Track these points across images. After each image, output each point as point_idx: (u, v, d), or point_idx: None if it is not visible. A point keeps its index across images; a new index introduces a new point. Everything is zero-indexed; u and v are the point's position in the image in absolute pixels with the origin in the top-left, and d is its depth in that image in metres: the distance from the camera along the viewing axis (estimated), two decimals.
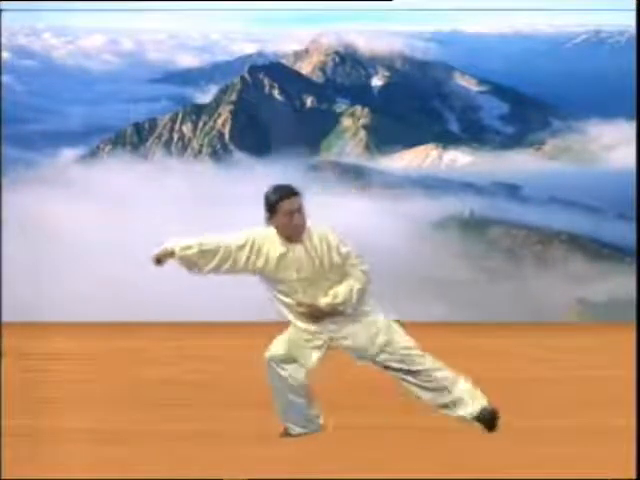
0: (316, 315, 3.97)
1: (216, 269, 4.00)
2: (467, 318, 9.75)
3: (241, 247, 3.97)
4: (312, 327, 4.03)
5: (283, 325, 4.15)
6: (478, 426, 4.06)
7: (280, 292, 4.02)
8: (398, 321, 4.16)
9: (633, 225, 9.51)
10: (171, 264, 4.03)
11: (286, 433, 4.21)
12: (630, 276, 9.17)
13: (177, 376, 5.81)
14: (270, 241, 3.98)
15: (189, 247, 3.99)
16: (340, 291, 3.94)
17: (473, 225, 12.72)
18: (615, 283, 11.10)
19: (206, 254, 3.98)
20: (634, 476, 3.60)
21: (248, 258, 3.97)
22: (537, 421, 4.34)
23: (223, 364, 6.20)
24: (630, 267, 9.73)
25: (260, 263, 3.96)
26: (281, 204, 3.92)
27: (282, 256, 3.95)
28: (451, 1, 11.99)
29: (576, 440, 4.15)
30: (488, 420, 4.05)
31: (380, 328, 4.05)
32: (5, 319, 7.27)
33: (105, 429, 4.38)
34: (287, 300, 4.02)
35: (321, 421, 4.25)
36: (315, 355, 4.05)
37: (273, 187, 3.97)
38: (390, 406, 4.57)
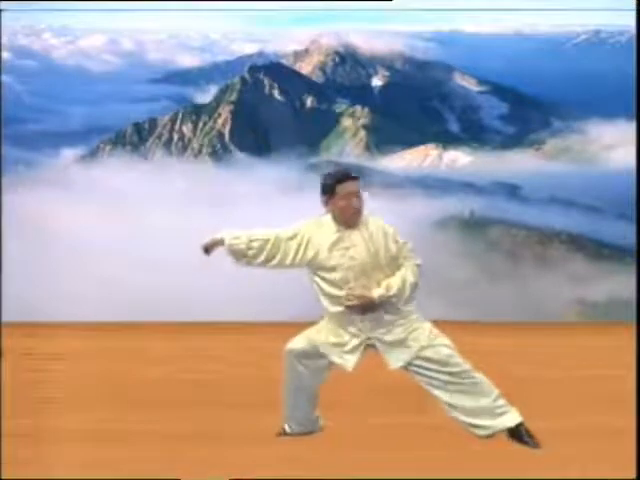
0: (367, 307, 3.85)
1: (266, 262, 3.94)
2: (467, 318, 9.75)
3: (291, 238, 3.92)
4: (351, 325, 3.94)
5: (285, 325, 4.14)
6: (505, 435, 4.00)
7: (330, 283, 3.89)
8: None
9: (633, 225, 9.52)
10: (171, 264, 4.03)
11: (284, 432, 4.19)
12: (630, 276, 9.17)
13: (177, 376, 5.80)
14: (324, 229, 3.90)
15: (238, 237, 3.97)
16: (393, 282, 3.83)
17: (473, 225, 12.72)
18: (615, 283, 11.10)
19: (255, 245, 3.94)
20: (634, 476, 3.60)
21: (298, 250, 3.90)
22: (537, 421, 4.34)
23: (223, 364, 6.20)
24: (630, 267, 9.74)
25: (311, 253, 3.87)
26: (340, 186, 3.85)
27: (336, 241, 3.87)
28: (451, 1, 11.99)
29: (576, 440, 4.15)
30: (522, 436, 4.01)
31: (421, 327, 3.98)
32: (5, 319, 7.27)
33: (105, 429, 4.38)
34: (336, 292, 3.89)
35: (321, 422, 4.23)
36: (353, 358, 3.98)
37: (331, 171, 3.93)
38: (389, 406, 4.57)
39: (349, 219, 3.89)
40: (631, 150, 9.76)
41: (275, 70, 15.34)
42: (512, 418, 4.00)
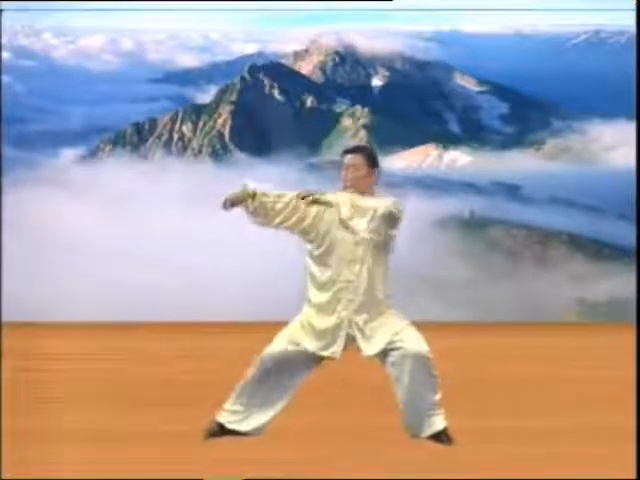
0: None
1: (283, 222, 4.00)
2: (467, 318, 9.74)
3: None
4: (334, 309, 3.96)
5: (285, 326, 4.14)
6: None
7: (318, 259, 3.97)
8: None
9: (633, 225, 9.51)
10: (171, 264, 4.02)
11: (221, 430, 4.12)
12: (630, 276, 9.17)
13: (176, 376, 5.81)
14: (341, 201, 3.98)
15: (267, 194, 4.01)
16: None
17: (473, 225, 12.71)
18: (615, 283, 11.09)
19: (278, 207, 4.00)
20: (634, 476, 3.60)
21: (316, 215, 3.98)
22: (537, 421, 4.34)
23: (223, 364, 6.19)
24: (630, 267, 9.73)
25: (325, 222, 3.95)
26: (344, 158, 4.04)
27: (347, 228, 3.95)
28: (451, 1, 11.99)
29: (576, 440, 4.15)
30: (440, 436, 4.02)
31: (396, 318, 3.98)
32: (5, 319, 7.27)
33: (105, 429, 4.38)
34: (323, 272, 3.97)
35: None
36: (337, 345, 3.95)
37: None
38: (387, 407, 4.57)
39: (345, 189, 3.98)
40: (631, 150, 9.74)
41: (275, 70, 15.31)
42: (442, 420, 4.00)
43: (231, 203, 4.02)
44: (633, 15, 7.59)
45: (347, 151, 4.10)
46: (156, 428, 4.34)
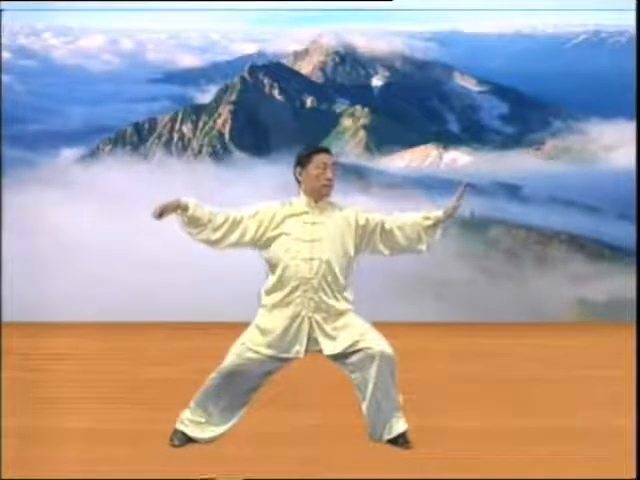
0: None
1: (222, 239, 3.93)
2: (467, 318, 9.74)
3: (252, 216, 3.93)
4: (281, 297, 3.93)
5: None
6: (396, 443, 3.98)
7: (280, 259, 3.90)
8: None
9: (633, 225, 9.51)
10: (171, 264, 4.02)
11: (184, 438, 4.11)
12: (630, 276, 9.17)
13: (177, 376, 5.80)
14: (288, 207, 3.93)
15: (202, 207, 3.94)
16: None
17: (473, 225, 12.71)
18: (615, 283, 11.09)
19: (217, 220, 3.92)
20: (634, 476, 3.60)
21: (259, 227, 3.90)
22: (537, 421, 4.34)
23: None
24: (630, 267, 9.73)
25: (273, 228, 3.89)
26: (316, 156, 3.93)
27: (303, 215, 3.90)
28: (451, 1, 11.99)
29: (576, 440, 4.15)
30: (404, 441, 3.99)
31: (358, 321, 3.95)
32: (5, 319, 7.27)
33: (105, 429, 4.38)
34: (280, 279, 3.90)
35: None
36: (301, 344, 3.91)
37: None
38: None
39: (320, 189, 3.92)
40: (631, 150, 9.74)
41: (275, 70, 15.31)
42: (404, 423, 3.97)
43: (160, 212, 3.96)
44: (633, 15, 7.59)
45: (323, 150, 4.01)
46: (156, 428, 4.33)
